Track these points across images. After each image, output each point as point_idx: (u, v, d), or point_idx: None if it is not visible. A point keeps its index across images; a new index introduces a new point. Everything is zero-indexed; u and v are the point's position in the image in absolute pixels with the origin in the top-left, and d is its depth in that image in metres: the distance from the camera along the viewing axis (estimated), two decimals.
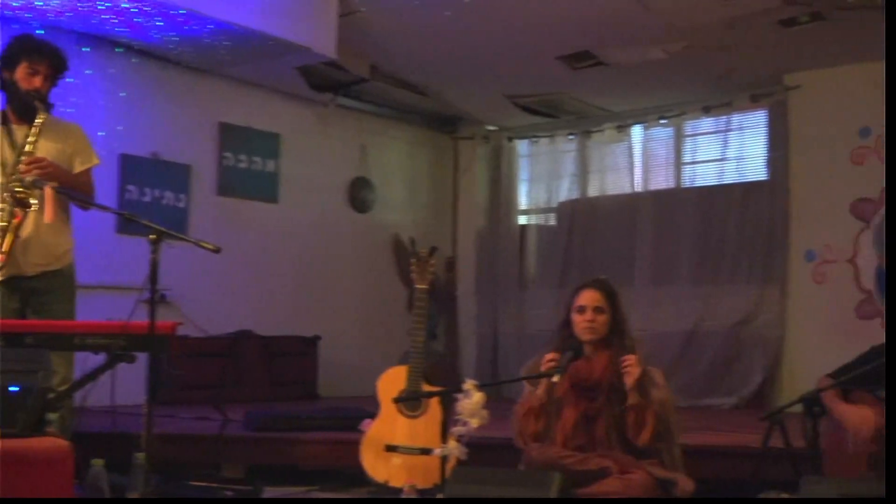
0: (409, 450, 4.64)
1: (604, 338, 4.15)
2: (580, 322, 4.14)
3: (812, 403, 3.72)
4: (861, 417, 3.91)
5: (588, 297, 4.17)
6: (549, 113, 9.38)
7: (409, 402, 4.68)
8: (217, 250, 3.85)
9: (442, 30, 7.28)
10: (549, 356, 4.07)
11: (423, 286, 4.86)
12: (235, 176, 8.29)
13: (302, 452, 5.67)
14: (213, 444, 5.58)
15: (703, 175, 8.81)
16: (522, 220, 9.92)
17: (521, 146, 9.93)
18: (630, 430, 4.02)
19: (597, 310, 4.15)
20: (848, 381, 3.96)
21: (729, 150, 8.62)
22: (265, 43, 6.97)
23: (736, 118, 8.59)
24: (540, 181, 9.82)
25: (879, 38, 6.86)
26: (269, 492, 5.13)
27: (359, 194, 9.30)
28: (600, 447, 4.03)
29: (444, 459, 4.09)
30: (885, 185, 4.09)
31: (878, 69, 7.48)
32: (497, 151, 9.92)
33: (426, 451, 4.47)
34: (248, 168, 8.39)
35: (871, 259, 7.71)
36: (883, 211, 7.64)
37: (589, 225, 9.30)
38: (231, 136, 8.25)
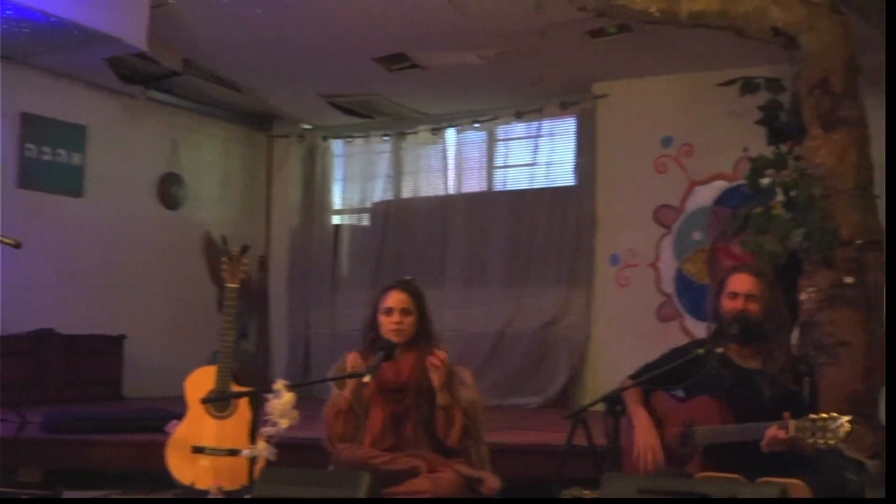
0: (217, 451, 4.56)
1: (410, 339, 4.18)
2: (387, 324, 4.16)
3: (614, 403, 3.82)
4: (646, 435, 4.03)
5: (395, 299, 4.19)
6: (364, 113, 9.39)
7: (218, 402, 4.60)
8: (17, 245, 3.70)
9: (257, 26, 7.19)
10: (352, 356, 4.09)
11: (234, 285, 4.79)
12: (38, 168, 7.97)
13: (104, 455, 5.51)
14: (9, 447, 5.35)
15: (514, 179, 9.00)
16: (336, 219, 9.89)
17: (336, 146, 9.90)
18: (440, 430, 4.07)
19: (404, 311, 4.17)
20: (648, 380, 4.10)
21: (539, 156, 8.82)
22: (70, 32, 6.72)
23: (546, 124, 8.80)
24: (354, 181, 9.82)
25: (683, 52, 7.18)
26: (69, 495, 4.96)
27: (169, 190, 9.08)
28: (409, 448, 4.06)
29: (252, 460, 4.04)
30: (885, 185, 4.27)
31: (681, 81, 7.83)
32: (312, 150, 9.86)
33: (234, 453, 4.41)
34: (52, 161, 8.08)
35: (671, 264, 8.02)
36: (683, 217, 7.97)
37: (402, 226, 9.35)
38: (34, 128, 7.92)
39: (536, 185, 8.82)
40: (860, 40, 5.72)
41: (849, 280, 5.48)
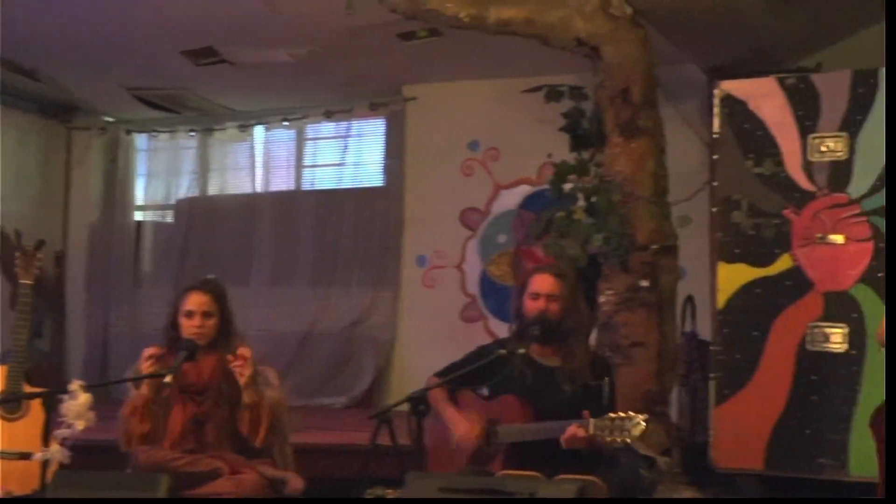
0: (7, 454, 4.38)
1: (212, 340, 4.11)
2: (188, 326, 4.08)
3: (418, 402, 3.86)
4: (467, 429, 4.11)
5: (196, 301, 4.11)
6: (170, 108, 9.16)
7: (8, 403, 4.42)
8: None
9: (56, 11, 6.91)
10: (148, 353, 3.99)
11: (28, 281, 4.63)
12: None
13: None
14: None
15: (322, 178, 8.96)
16: (139, 216, 9.62)
17: (140, 140, 9.61)
18: (245, 429, 4.02)
19: (205, 314, 4.10)
20: (453, 380, 4.16)
21: (348, 156, 8.81)
22: None
23: (356, 124, 8.80)
24: (158, 177, 9.56)
25: (491, 58, 7.31)
26: None
27: None
28: (211, 450, 4.00)
29: (45, 464, 3.89)
30: (885, 184, 4.35)
31: (489, 86, 7.96)
32: (114, 144, 9.55)
33: (25, 456, 4.24)
34: None
35: (476, 265, 8.15)
36: (488, 220, 8.12)
37: (208, 223, 9.18)
38: None
39: (345, 186, 8.81)
40: (657, 54, 5.96)
41: (644, 283, 5.70)
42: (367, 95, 8.50)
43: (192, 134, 9.36)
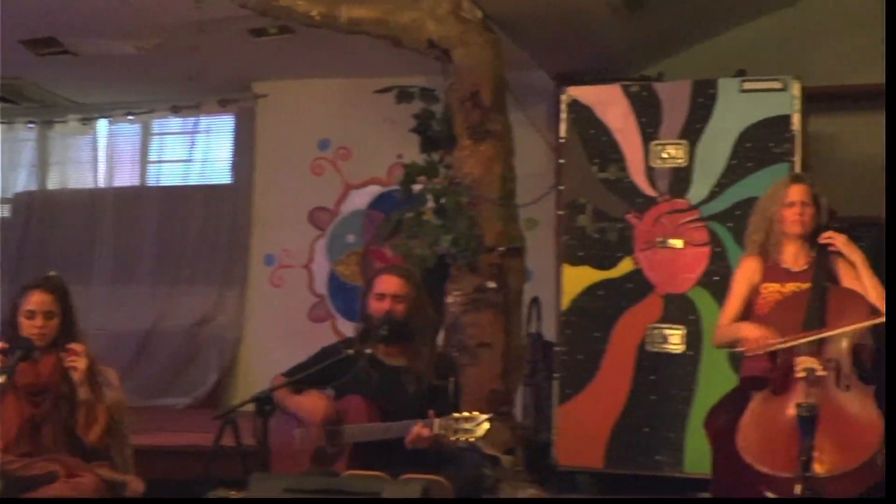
0: None
1: (52, 341, 3.99)
2: (28, 327, 3.95)
3: (264, 402, 3.83)
4: (314, 404, 4.10)
5: (37, 301, 3.98)
6: (8, 98, 8.84)
7: None
8: None
9: None
10: None
11: None
12: None
13: None
14: None
15: (168, 174, 8.79)
16: None
17: None
18: (80, 427, 3.90)
19: (46, 315, 3.97)
20: (299, 380, 4.14)
21: (195, 152, 8.68)
22: None
23: (204, 121, 8.67)
24: None
25: (343, 57, 7.28)
26: None
27: None
28: (47, 453, 3.87)
29: None
30: (886, 184, 4.34)
31: (341, 85, 7.94)
32: None
33: None
34: None
35: (324, 265, 8.12)
36: (337, 220, 8.09)
37: (47, 219, 8.89)
38: None
39: (192, 182, 8.67)
40: (507, 58, 6.04)
41: (491, 285, 5.77)
42: (216, 91, 8.37)
43: (31, 126, 9.07)
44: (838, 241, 4.31)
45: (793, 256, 4.37)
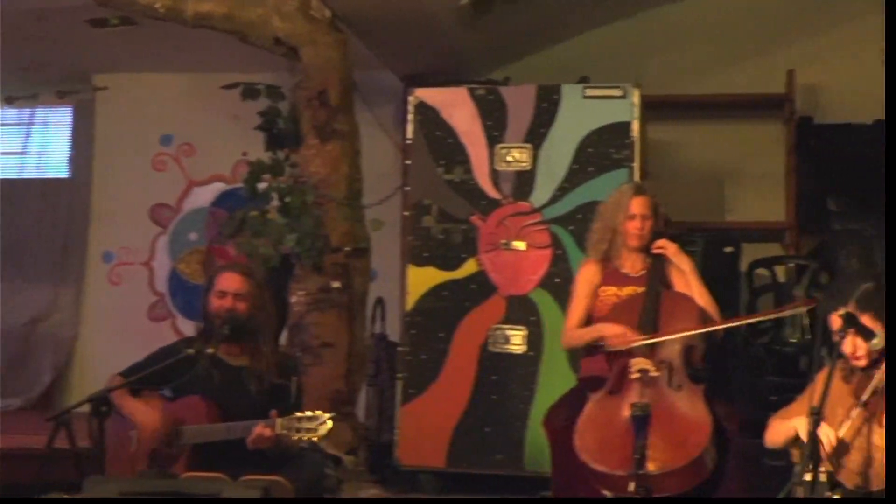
0: None
1: None
2: None
3: (100, 403, 3.74)
4: (148, 414, 4.02)
5: None
6: None
7: None
8: None
9: None
10: None
11: None
12: None
13: None
14: None
15: (2, 168, 8.47)
16: None
17: None
18: None
19: None
20: (137, 380, 4.05)
21: (31, 145, 8.40)
22: None
23: (41, 112, 8.40)
24: None
25: (188, 51, 7.15)
26: None
27: None
28: None
29: None
30: (885, 184, 4.28)
31: (185, 80, 7.80)
32: None
33: None
34: None
35: (165, 263, 7.96)
36: (180, 217, 7.94)
37: None
38: None
39: (27, 176, 8.39)
40: (355, 58, 6.04)
41: (336, 285, 5.76)
42: (54, 82, 8.10)
43: None
44: (670, 250, 4.56)
45: (631, 262, 4.59)
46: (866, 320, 3.51)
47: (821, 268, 6.11)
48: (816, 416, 3.34)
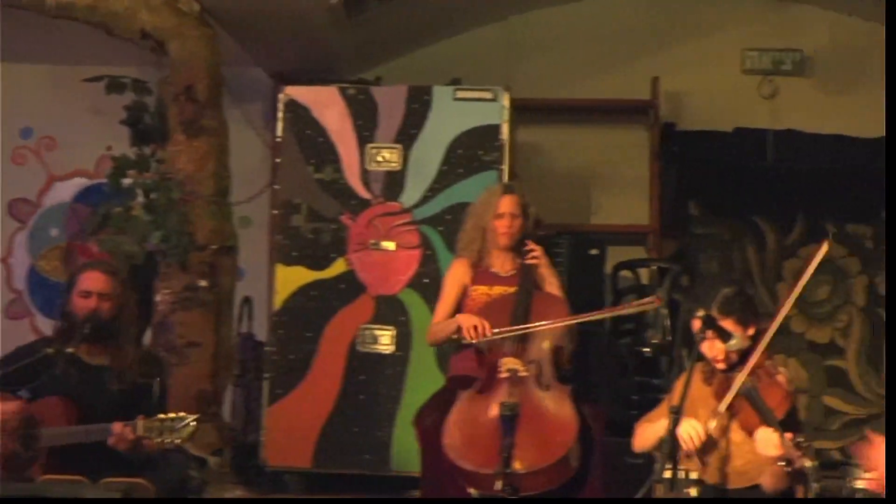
0: None
1: None
2: None
3: None
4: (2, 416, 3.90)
5: None
6: None
7: None
8: None
9: None
10: None
11: None
12: None
13: None
14: None
15: None
16: None
17: None
18: None
19: None
20: None
21: None
22: None
23: None
24: None
25: (50, 42, 6.95)
26: None
27: None
28: None
29: None
30: (885, 183, 4.19)
31: (46, 71, 7.57)
32: None
33: None
34: None
35: (24, 260, 7.72)
36: (40, 212, 7.72)
37: None
38: None
39: None
40: (225, 54, 5.96)
41: (202, 283, 5.68)
42: None
43: None
44: (542, 261, 4.62)
45: (501, 262, 4.64)
46: (728, 324, 3.63)
47: (682, 271, 6.28)
48: (676, 416, 3.43)
